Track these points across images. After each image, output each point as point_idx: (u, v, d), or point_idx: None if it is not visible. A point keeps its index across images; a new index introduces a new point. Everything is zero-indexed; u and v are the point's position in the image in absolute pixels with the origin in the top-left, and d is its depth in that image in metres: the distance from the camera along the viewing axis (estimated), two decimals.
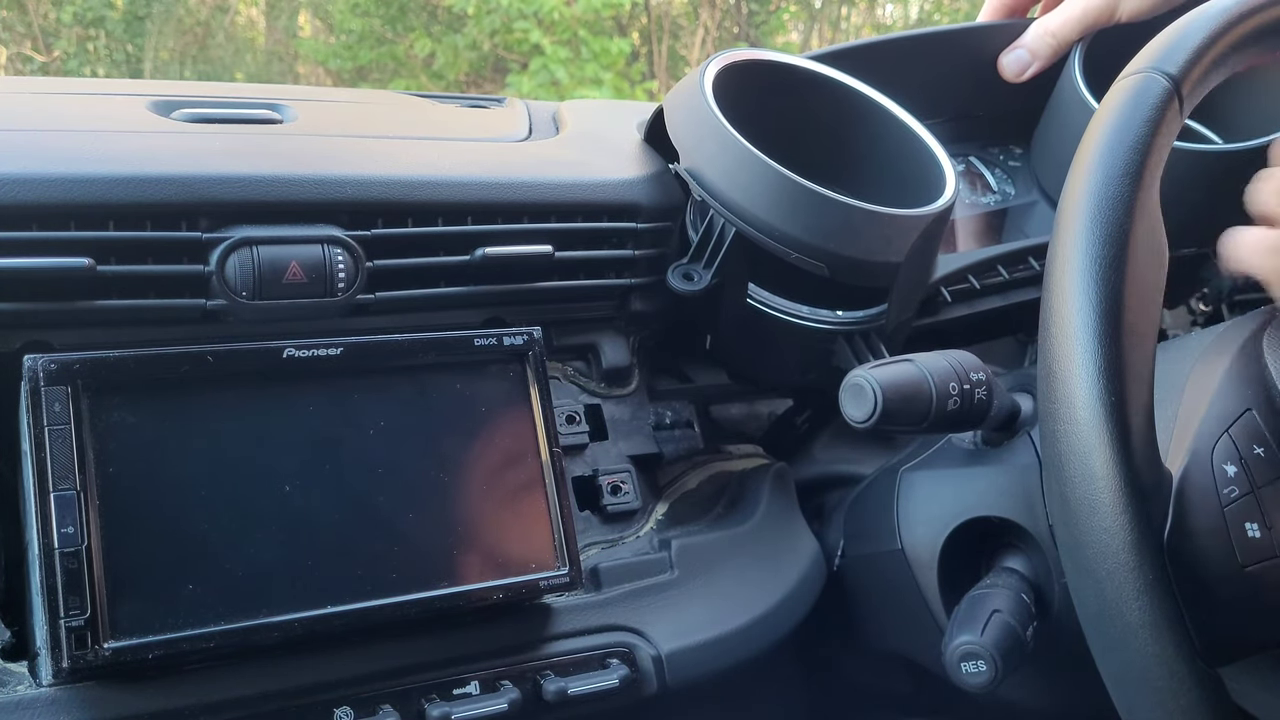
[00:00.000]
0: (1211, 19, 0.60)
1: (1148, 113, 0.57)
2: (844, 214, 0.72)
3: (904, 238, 0.74)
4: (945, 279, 0.88)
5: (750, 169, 0.72)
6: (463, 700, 0.64)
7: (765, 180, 0.72)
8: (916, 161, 0.81)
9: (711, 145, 0.74)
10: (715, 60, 0.79)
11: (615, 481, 0.77)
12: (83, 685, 0.57)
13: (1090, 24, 0.92)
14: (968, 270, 0.89)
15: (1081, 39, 0.92)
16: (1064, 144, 0.93)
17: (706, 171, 0.74)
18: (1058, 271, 0.56)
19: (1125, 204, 0.55)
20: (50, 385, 0.57)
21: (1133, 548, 0.53)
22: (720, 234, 0.75)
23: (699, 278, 0.75)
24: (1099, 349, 0.53)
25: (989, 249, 0.92)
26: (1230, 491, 0.57)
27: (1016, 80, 0.95)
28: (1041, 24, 0.94)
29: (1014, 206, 0.97)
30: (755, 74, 0.81)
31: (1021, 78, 0.95)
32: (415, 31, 7.59)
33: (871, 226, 0.73)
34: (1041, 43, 0.94)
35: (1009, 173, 1.00)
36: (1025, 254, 0.91)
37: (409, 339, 0.67)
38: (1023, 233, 0.95)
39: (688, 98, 0.77)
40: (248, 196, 0.65)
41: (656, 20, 8.10)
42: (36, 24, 7.42)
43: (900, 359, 0.66)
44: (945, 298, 0.89)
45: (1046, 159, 0.97)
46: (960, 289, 0.89)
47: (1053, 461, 0.55)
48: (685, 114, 0.77)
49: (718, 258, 0.75)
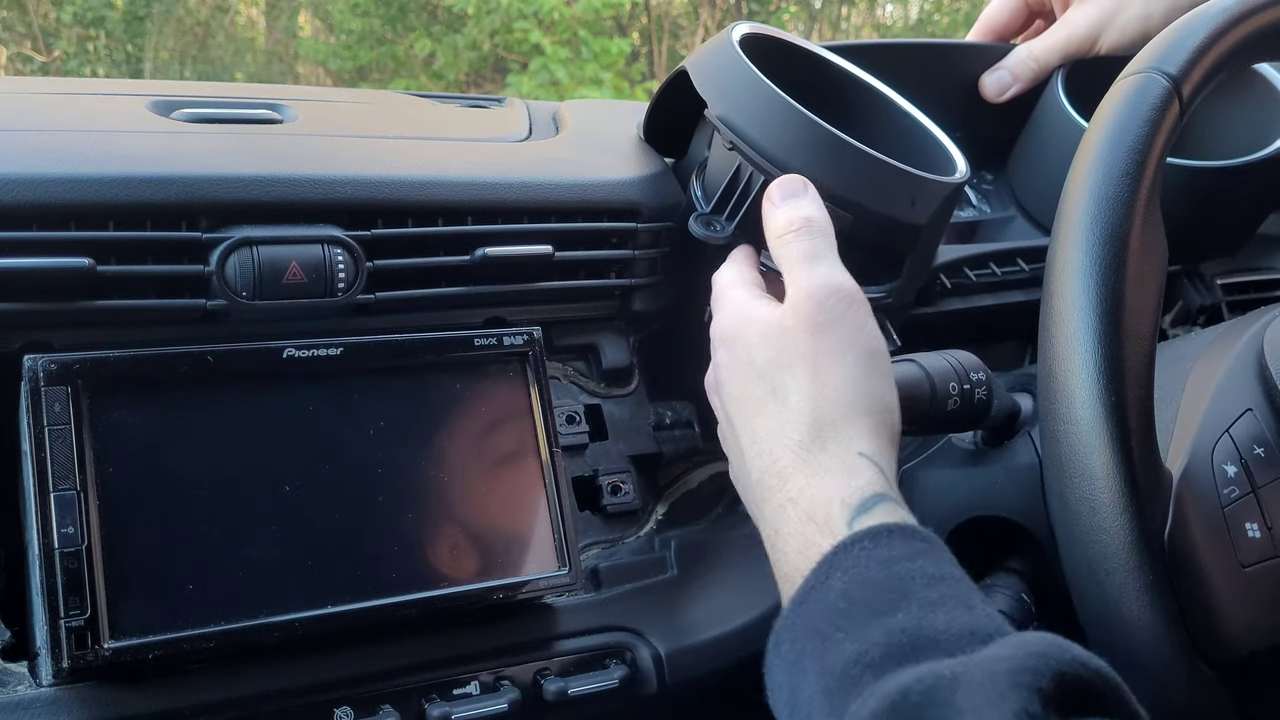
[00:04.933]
0: (1211, 19, 0.60)
1: (1148, 112, 0.57)
2: (876, 168, 0.71)
3: (929, 201, 0.74)
4: (943, 267, 0.89)
5: (783, 116, 0.72)
6: (463, 700, 0.64)
7: (798, 127, 0.71)
8: (921, 147, 0.80)
9: (743, 93, 0.73)
10: (739, 25, 0.79)
11: (615, 481, 0.77)
12: (83, 685, 0.57)
13: (1072, 53, 0.95)
14: (963, 262, 0.91)
15: (1062, 66, 0.95)
16: (1046, 161, 0.96)
17: (736, 118, 0.73)
18: (1058, 271, 0.56)
19: (1125, 204, 0.55)
20: (50, 385, 0.57)
21: (1133, 547, 0.53)
22: (746, 185, 0.74)
23: (721, 227, 0.74)
24: (1099, 349, 0.53)
25: (983, 245, 0.93)
26: (1230, 491, 0.57)
27: (996, 100, 0.98)
28: (1025, 48, 0.97)
29: (985, 221, 0.99)
30: (772, 46, 0.81)
31: (1001, 98, 0.98)
32: (415, 31, 7.59)
33: (900, 184, 0.72)
34: (1024, 66, 0.97)
35: (983, 194, 1.01)
36: (1014, 255, 0.93)
37: (409, 339, 0.67)
38: (998, 242, 0.97)
39: (717, 52, 0.77)
40: (248, 196, 0.65)
41: (656, 20, 8.10)
42: (36, 24, 7.42)
43: (900, 359, 0.66)
44: (945, 284, 0.90)
45: (1026, 177, 0.99)
46: (956, 281, 0.90)
47: (1053, 461, 0.55)
48: (715, 65, 0.76)
49: (742, 209, 0.74)
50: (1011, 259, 0.93)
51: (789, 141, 0.72)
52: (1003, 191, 1.02)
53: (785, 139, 0.72)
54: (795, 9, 8.89)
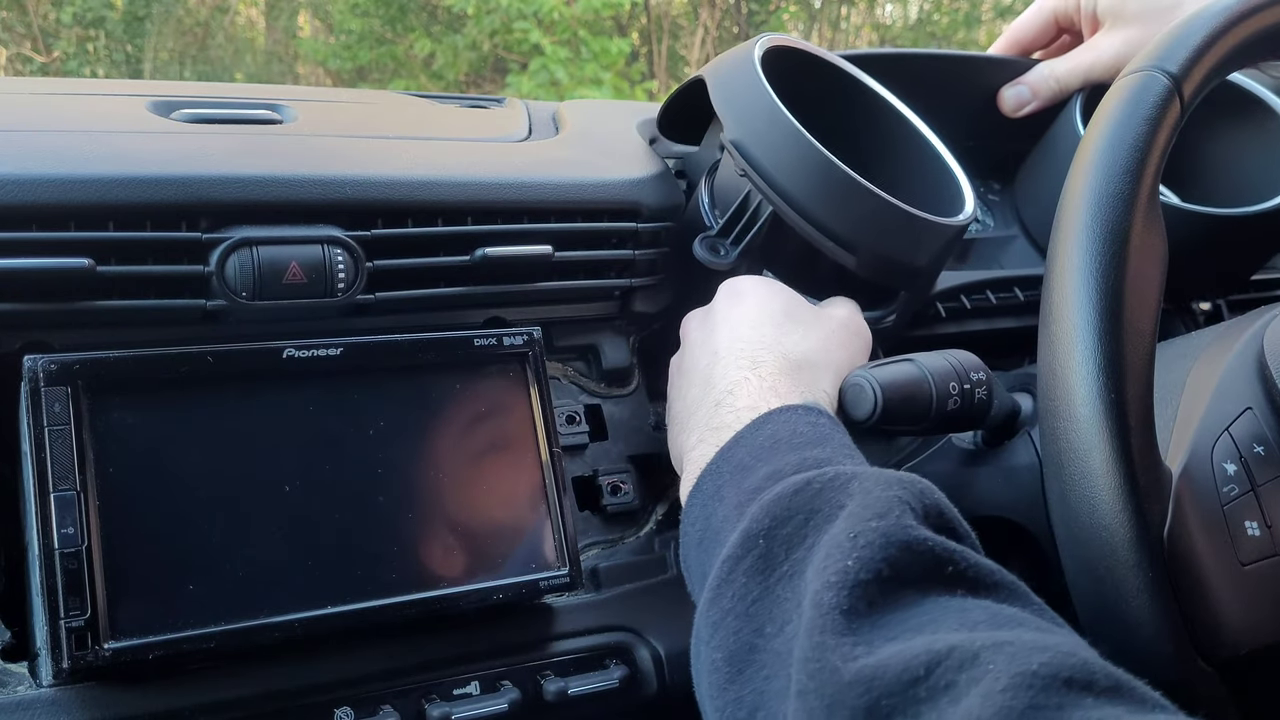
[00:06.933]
0: (1212, 18, 0.60)
1: (1148, 111, 0.57)
2: (884, 211, 0.72)
3: (932, 243, 0.74)
4: (940, 295, 0.89)
5: (798, 150, 0.72)
6: (463, 700, 0.64)
7: (811, 164, 0.72)
8: (934, 175, 0.81)
9: (760, 121, 0.73)
10: (764, 39, 0.79)
11: (615, 481, 0.77)
12: (83, 686, 0.57)
13: (1095, 78, 0.95)
14: (960, 289, 0.91)
15: (1082, 90, 0.95)
16: (1055, 183, 0.95)
17: (752, 146, 0.73)
18: (1058, 268, 0.56)
19: (1125, 202, 0.55)
20: (50, 385, 0.57)
21: (1132, 546, 0.53)
22: (754, 213, 0.74)
23: (726, 252, 0.74)
24: (1099, 347, 0.53)
25: (980, 271, 0.94)
26: (1230, 490, 0.57)
27: (1013, 115, 0.98)
28: (1048, 66, 0.97)
29: (986, 238, 0.99)
30: (796, 61, 0.81)
31: (1019, 113, 0.98)
32: (415, 31, 7.59)
33: (906, 227, 0.73)
34: (1045, 84, 0.96)
35: (988, 205, 1.01)
36: (1011, 283, 0.94)
37: (409, 339, 0.67)
38: (996, 262, 0.98)
39: (738, 70, 0.76)
40: (247, 197, 0.65)
41: (656, 20, 8.10)
42: (36, 24, 7.42)
43: (900, 359, 0.66)
44: (940, 312, 0.90)
45: (1033, 196, 0.99)
46: (951, 306, 0.91)
47: (1053, 460, 0.55)
48: (735, 87, 0.76)
49: (747, 236, 0.74)
50: (1008, 287, 0.93)
51: (801, 177, 0.72)
52: (1007, 206, 1.02)
53: (797, 174, 0.72)
54: (795, 9, 8.90)
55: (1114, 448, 0.52)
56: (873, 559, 0.45)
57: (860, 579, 0.44)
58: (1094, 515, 0.53)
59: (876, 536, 0.46)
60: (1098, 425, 0.53)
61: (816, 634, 0.43)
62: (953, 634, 0.41)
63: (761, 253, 0.76)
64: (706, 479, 0.58)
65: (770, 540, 0.50)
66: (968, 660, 0.39)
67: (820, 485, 0.50)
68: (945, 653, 0.40)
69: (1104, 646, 0.53)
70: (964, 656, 0.40)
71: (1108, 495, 0.53)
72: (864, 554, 0.45)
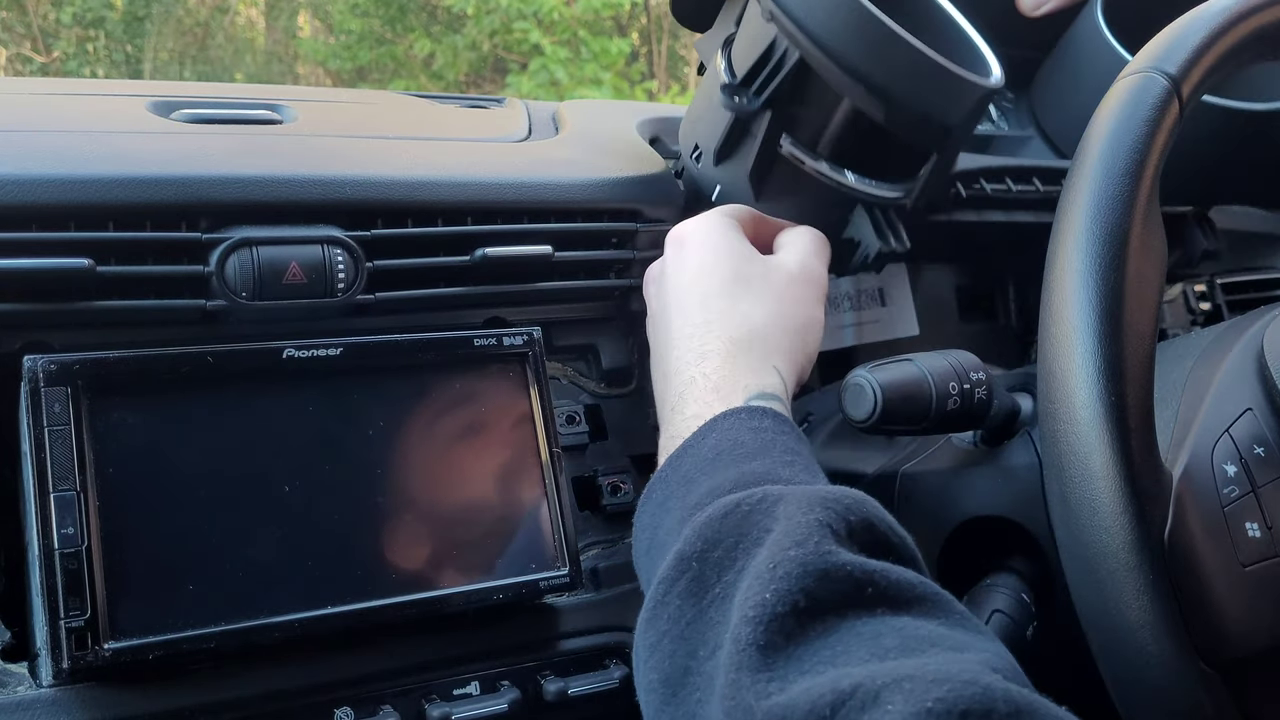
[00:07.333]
0: (1211, 18, 0.60)
1: (1147, 112, 0.57)
2: (920, 61, 0.70)
3: (963, 102, 0.72)
4: (959, 175, 0.88)
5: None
6: (463, 700, 0.64)
7: (844, 6, 0.69)
8: (958, 46, 0.79)
9: None
10: None
11: (615, 481, 0.77)
12: (83, 686, 0.57)
13: None
14: (980, 173, 0.90)
15: None
16: (1074, 85, 0.93)
17: None
18: (1058, 270, 0.56)
19: (1125, 203, 0.55)
20: (50, 386, 0.57)
21: (1133, 547, 0.53)
22: (780, 60, 0.72)
23: (749, 100, 0.73)
24: (1098, 349, 0.53)
25: (1001, 158, 0.92)
26: (1230, 491, 0.57)
27: (1031, 15, 0.94)
28: None
29: (1003, 136, 0.98)
30: None
31: (1037, 13, 0.94)
32: (415, 32, 7.60)
33: (939, 80, 0.71)
34: None
35: (1003, 111, 1.00)
36: (1031, 173, 0.92)
37: (409, 339, 0.67)
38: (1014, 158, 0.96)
39: None
40: (247, 197, 0.65)
41: (656, 20, 8.10)
42: (36, 24, 7.42)
43: (900, 359, 0.66)
44: (960, 193, 0.89)
45: (1051, 99, 0.97)
46: (971, 192, 0.90)
47: (1053, 461, 0.55)
48: None
49: (772, 83, 0.72)
50: (1028, 177, 0.92)
51: (833, 20, 0.69)
52: (1022, 111, 1.00)
53: (829, 17, 0.69)
54: None
55: (1114, 450, 0.52)
56: (790, 590, 0.45)
57: (777, 612, 0.45)
58: (1095, 517, 0.53)
59: (794, 566, 0.46)
60: (1098, 428, 0.53)
61: (733, 671, 0.44)
62: (861, 666, 0.42)
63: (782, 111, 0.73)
64: (656, 488, 0.60)
65: (703, 564, 0.50)
66: (869, 700, 0.40)
67: (749, 508, 0.51)
68: (850, 691, 0.41)
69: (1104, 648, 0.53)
70: (866, 696, 0.40)
71: (1108, 498, 0.53)
72: (781, 585, 0.46)
